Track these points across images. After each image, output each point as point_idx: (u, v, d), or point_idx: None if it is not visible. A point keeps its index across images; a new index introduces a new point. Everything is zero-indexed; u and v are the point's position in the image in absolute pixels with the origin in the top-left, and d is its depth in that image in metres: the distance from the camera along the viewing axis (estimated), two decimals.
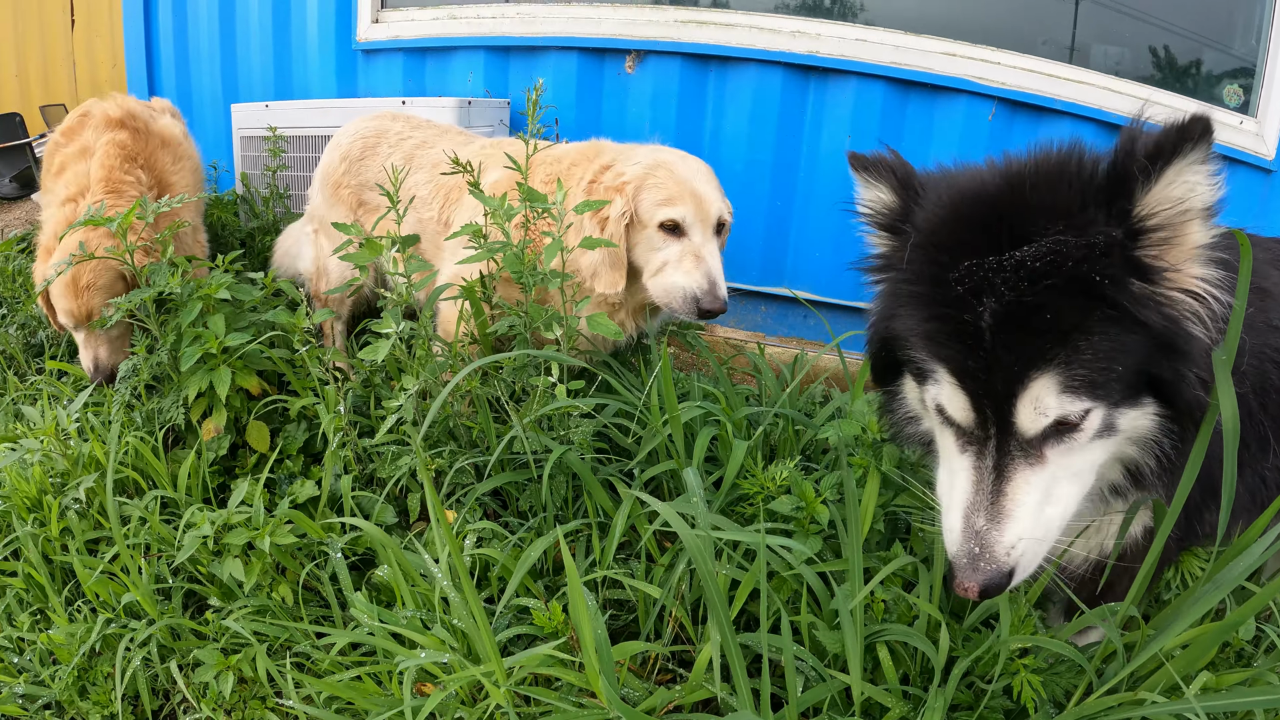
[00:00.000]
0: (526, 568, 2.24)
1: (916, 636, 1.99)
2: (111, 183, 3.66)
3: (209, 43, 6.02)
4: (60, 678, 2.54)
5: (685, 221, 2.84)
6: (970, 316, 1.44)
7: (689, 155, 3.03)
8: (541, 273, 2.57)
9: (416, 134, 3.58)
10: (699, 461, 2.50)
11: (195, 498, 2.87)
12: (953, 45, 4.18)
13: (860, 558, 2.03)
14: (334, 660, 2.35)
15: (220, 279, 2.95)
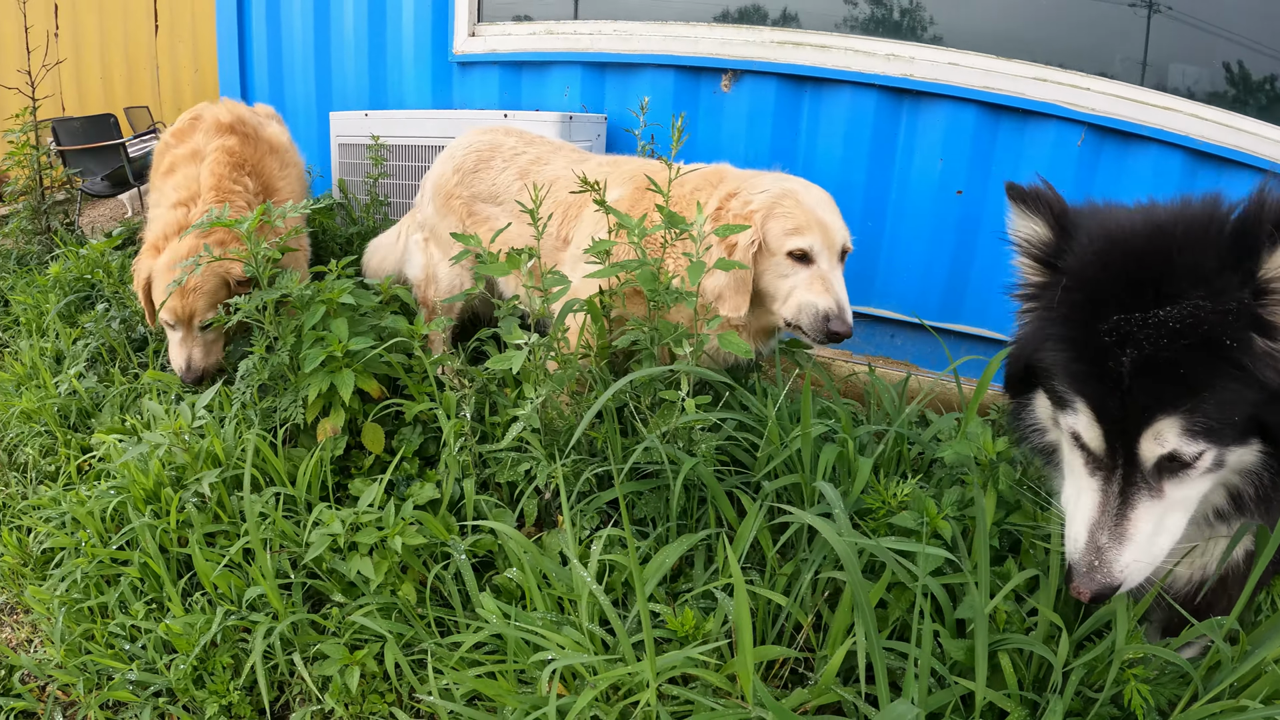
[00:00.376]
0: (661, 574, 2.30)
1: (1038, 645, 2.10)
2: (221, 190, 3.78)
3: (303, 51, 6.16)
4: (177, 667, 2.60)
5: (813, 250, 2.88)
6: (1113, 363, 1.60)
7: (812, 184, 3.06)
8: (676, 291, 2.62)
9: (530, 150, 3.64)
10: (823, 476, 2.56)
11: (314, 496, 2.94)
12: (1043, 70, 4.18)
13: (988, 569, 2.13)
14: (459, 658, 2.39)
15: (342, 284, 3.02)
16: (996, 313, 4.36)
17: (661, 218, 2.71)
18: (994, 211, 4.31)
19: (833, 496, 2.28)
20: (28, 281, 5.80)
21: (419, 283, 3.89)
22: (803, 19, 4.61)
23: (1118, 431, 1.65)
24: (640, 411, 2.69)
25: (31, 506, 3.53)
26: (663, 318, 2.72)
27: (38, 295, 5.37)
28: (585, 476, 2.64)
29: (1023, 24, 4.28)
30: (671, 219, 2.64)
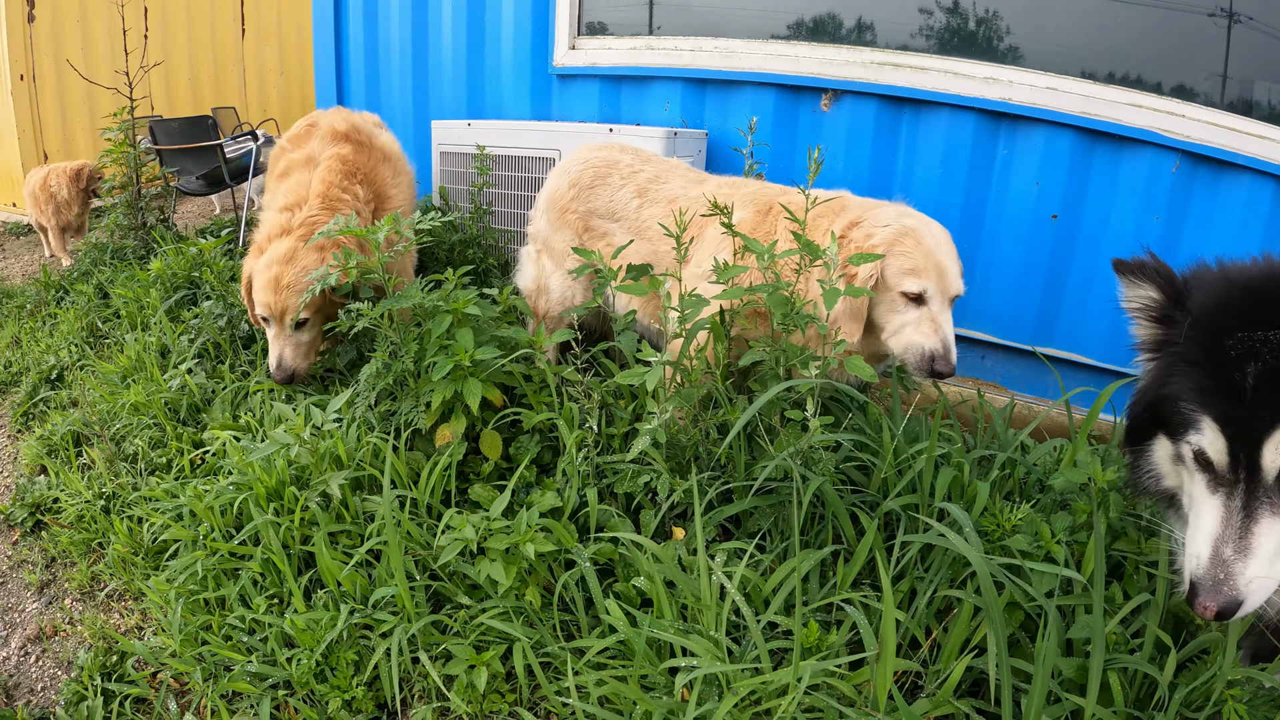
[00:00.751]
0: (790, 587, 2.37)
1: (1145, 664, 2.20)
2: (329, 199, 3.89)
3: (400, 60, 6.28)
4: (300, 661, 2.67)
5: (927, 293, 2.94)
6: (1238, 375, 1.72)
7: (933, 223, 3.10)
8: (808, 316, 2.68)
9: (648, 168, 3.70)
10: (941, 498, 2.63)
11: (435, 499, 3.02)
12: (1139, 96, 4.16)
13: (1102, 591, 2.23)
14: (584, 663, 2.46)
15: (466, 294, 3.11)
16: (1088, 337, 4.36)
17: (784, 243, 2.77)
18: (1088, 237, 4.30)
19: (963, 517, 2.36)
20: (128, 276, 5.97)
21: (529, 293, 3.97)
22: (902, 41, 4.64)
23: (1241, 441, 1.72)
24: (767, 429, 2.74)
25: (143, 498, 3.62)
26: (788, 340, 2.78)
27: (138, 290, 5.52)
28: (711, 494, 2.69)
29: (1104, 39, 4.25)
30: (809, 248, 2.69)
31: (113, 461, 4.12)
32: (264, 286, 3.70)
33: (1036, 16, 4.35)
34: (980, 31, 4.49)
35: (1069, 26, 4.29)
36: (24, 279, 8.74)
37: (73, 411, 4.68)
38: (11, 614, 3.55)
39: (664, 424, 2.68)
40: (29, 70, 10.51)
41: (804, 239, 2.73)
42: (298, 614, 2.77)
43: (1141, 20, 4.16)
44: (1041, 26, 4.35)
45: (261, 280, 3.71)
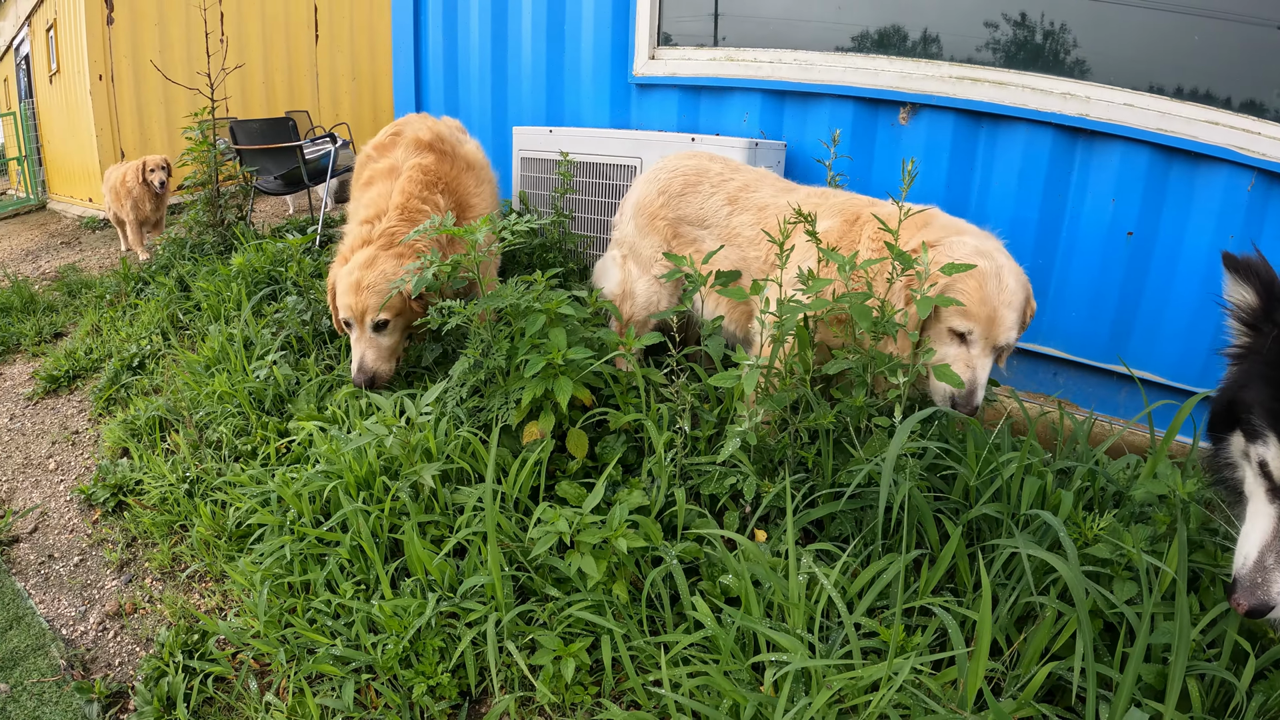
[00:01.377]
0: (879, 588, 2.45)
1: (1223, 671, 2.25)
2: (407, 210, 4.01)
3: (479, 67, 6.40)
4: (385, 646, 2.73)
5: (971, 335, 2.96)
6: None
7: (1007, 266, 3.07)
8: (895, 324, 2.73)
9: (737, 177, 3.75)
10: (1026, 507, 2.67)
11: (523, 494, 3.09)
12: (1216, 114, 4.13)
13: (1185, 598, 2.26)
14: (671, 657, 2.51)
15: (559, 295, 3.18)
16: (1161, 356, 4.34)
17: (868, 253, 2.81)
18: (1162, 255, 4.28)
19: (1056, 525, 2.41)
20: (209, 270, 6.13)
21: (614, 296, 4.04)
22: (968, 54, 4.65)
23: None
24: (858, 433, 2.79)
25: (227, 483, 3.74)
26: (875, 348, 2.83)
27: (219, 284, 5.68)
28: (797, 497, 2.74)
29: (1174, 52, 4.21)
30: (902, 257, 2.74)
31: (197, 447, 4.24)
32: (346, 290, 3.83)
33: (1107, 30, 4.34)
34: (1050, 45, 4.49)
35: (1139, 40, 4.27)
36: (101, 271, 8.99)
37: (156, 398, 4.83)
38: (90, 590, 3.68)
39: (754, 427, 2.74)
40: (108, 70, 10.83)
41: (896, 248, 2.77)
42: (384, 600, 2.84)
43: (1211, 33, 4.13)
44: (1112, 40, 4.34)
45: (344, 285, 3.85)
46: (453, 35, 6.49)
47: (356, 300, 3.80)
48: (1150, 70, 4.25)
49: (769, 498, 2.79)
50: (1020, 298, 3.01)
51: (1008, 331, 2.97)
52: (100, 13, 10.81)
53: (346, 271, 3.88)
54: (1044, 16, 4.45)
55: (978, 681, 2.11)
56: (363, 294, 3.79)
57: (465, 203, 4.25)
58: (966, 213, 4.61)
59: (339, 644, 2.84)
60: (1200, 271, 4.20)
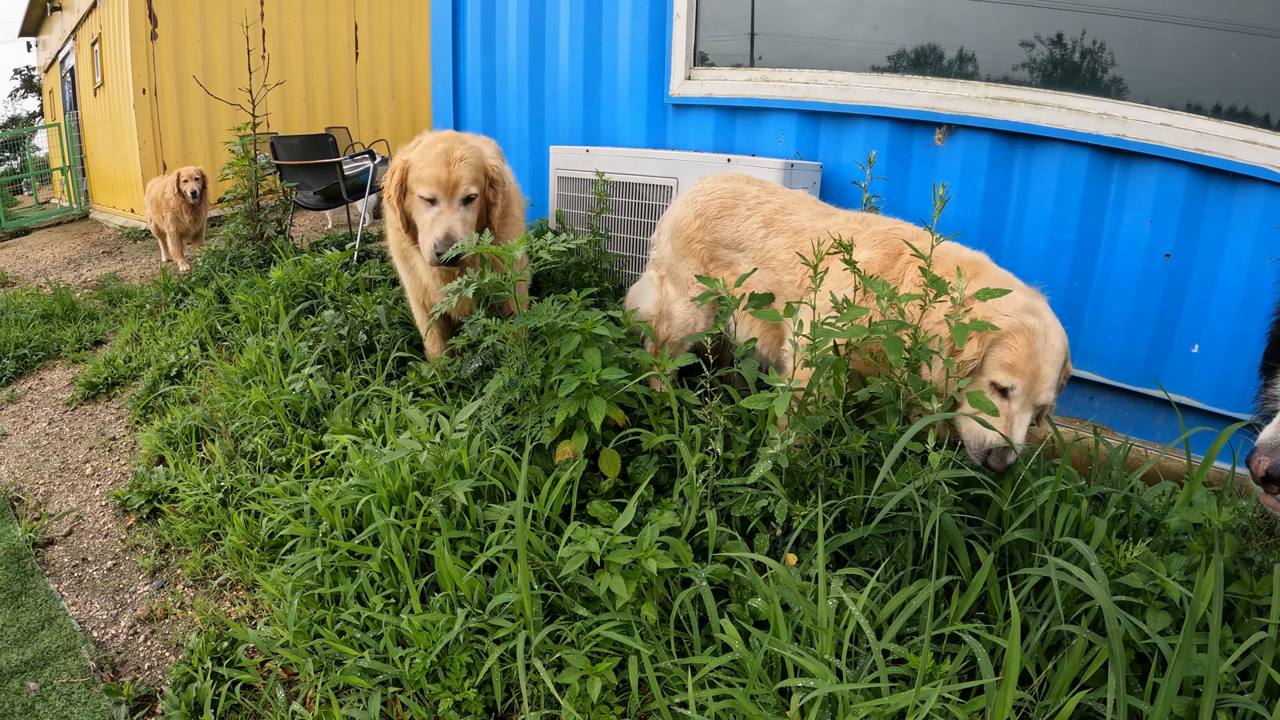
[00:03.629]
0: (907, 615, 2.45)
1: (1255, 704, 2.23)
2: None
3: (516, 86, 6.47)
4: (413, 660, 2.75)
5: (1013, 391, 2.91)
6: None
7: (1054, 327, 3.03)
8: (930, 351, 2.71)
9: (774, 199, 3.74)
10: (1060, 534, 2.65)
11: (555, 513, 3.10)
12: (1254, 133, 4.07)
13: (1219, 629, 2.23)
14: (699, 680, 2.51)
15: (594, 314, 3.20)
16: (1198, 380, 4.29)
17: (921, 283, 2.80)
18: (1200, 277, 4.24)
19: (1087, 553, 2.39)
20: (248, 283, 6.21)
21: (650, 317, 4.04)
22: (1008, 75, 4.64)
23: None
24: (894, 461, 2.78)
25: (261, 493, 3.78)
26: (912, 375, 2.82)
27: (258, 296, 5.75)
28: (829, 521, 2.74)
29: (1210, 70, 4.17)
30: (935, 282, 2.73)
31: (232, 457, 4.29)
32: (433, 162, 3.80)
33: (1143, 48, 4.31)
34: (1085, 63, 4.47)
35: (1176, 58, 4.24)
36: (141, 280, 9.14)
37: (193, 407, 4.88)
38: (122, 594, 3.73)
39: (786, 450, 2.73)
40: (150, 85, 11.01)
41: (931, 274, 2.75)
42: (414, 614, 2.86)
43: (1249, 50, 4.09)
44: (1148, 59, 4.31)
45: (429, 157, 3.82)
46: (490, 54, 6.57)
47: (448, 173, 3.78)
48: (1188, 89, 4.23)
49: (801, 521, 2.79)
50: (1063, 357, 2.98)
51: (1049, 390, 2.92)
52: (144, 28, 11.00)
53: (425, 147, 3.88)
54: (1082, 36, 4.44)
55: (1005, 711, 2.10)
56: (455, 165, 3.80)
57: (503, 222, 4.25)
58: (1002, 234, 4.61)
59: (367, 656, 2.86)
60: (1239, 294, 4.16)
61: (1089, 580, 2.25)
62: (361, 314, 4.88)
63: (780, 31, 5.35)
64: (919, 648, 2.48)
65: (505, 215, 4.07)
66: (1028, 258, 4.58)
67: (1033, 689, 2.47)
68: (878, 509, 2.71)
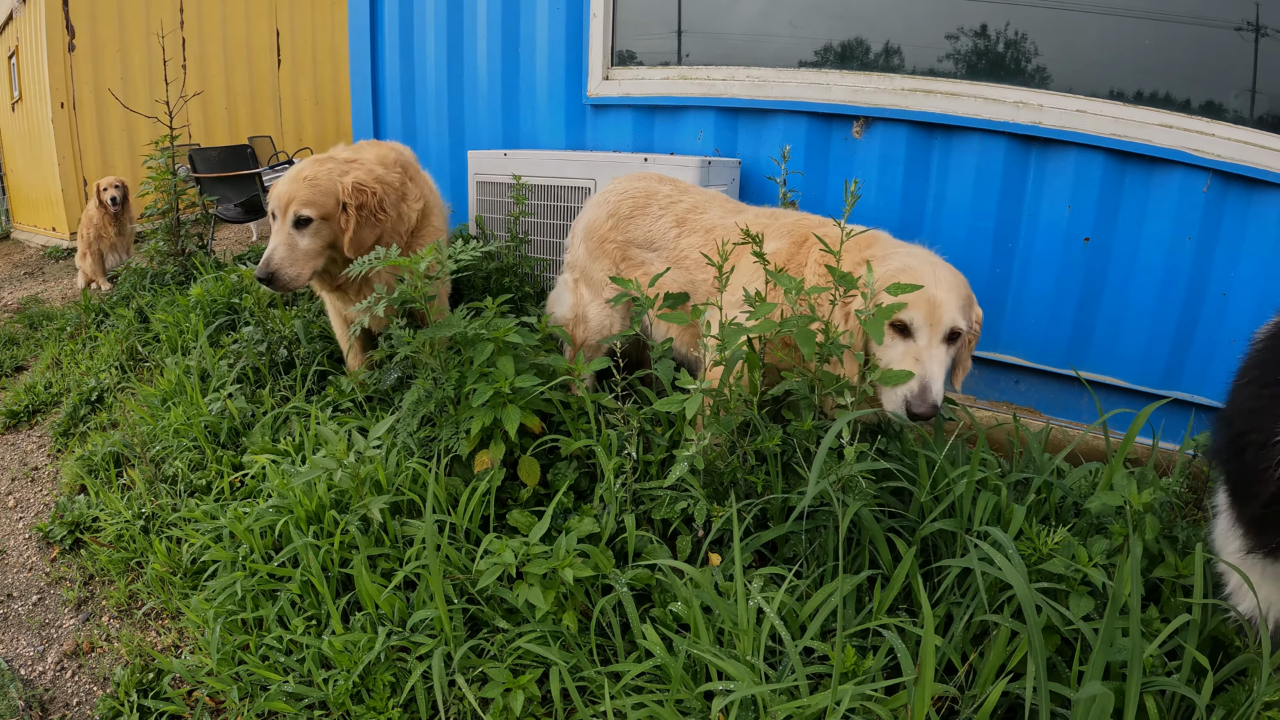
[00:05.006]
0: (827, 611, 2.41)
1: (1183, 686, 2.23)
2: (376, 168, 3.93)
3: (435, 92, 6.39)
4: (337, 682, 2.70)
5: (913, 324, 2.80)
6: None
7: (941, 262, 3.00)
8: (840, 345, 2.69)
9: (686, 198, 3.72)
10: (979, 523, 2.64)
11: (474, 524, 3.05)
12: (1169, 117, 4.13)
13: (1139, 614, 2.17)
14: (621, 687, 2.48)
15: (507, 323, 3.15)
16: (1122, 360, 4.36)
17: (814, 275, 2.78)
18: (1120, 259, 4.30)
19: (1004, 541, 2.36)
20: (169, 301, 6.06)
21: (566, 321, 4.00)
22: (930, 65, 4.66)
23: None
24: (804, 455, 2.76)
25: (182, 518, 3.67)
26: (823, 369, 2.79)
27: (178, 314, 5.61)
28: (748, 519, 2.72)
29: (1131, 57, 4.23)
30: (844, 279, 2.71)
31: (152, 482, 4.17)
32: (284, 180, 3.69)
33: (1064, 37, 4.36)
34: (1009, 54, 4.50)
35: (1096, 45, 4.29)
36: (63, 302, 8.90)
37: (113, 433, 4.76)
38: (49, 629, 3.62)
39: (701, 450, 2.71)
40: (69, 98, 10.75)
41: (839, 271, 2.74)
42: (335, 635, 2.80)
43: (1168, 37, 4.16)
44: (1068, 47, 4.36)
45: (288, 174, 3.72)
46: (409, 60, 6.48)
47: (287, 189, 3.63)
48: (1108, 76, 4.28)
49: (720, 521, 2.76)
50: (960, 287, 2.90)
51: (952, 315, 2.82)
52: (62, 40, 10.73)
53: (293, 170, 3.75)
54: (1003, 27, 4.48)
55: (925, 706, 2.08)
56: (297, 183, 3.64)
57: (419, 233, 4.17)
58: (922, 224, 4.63)
59: (291, 680, 2.80)
60: (1159, 274, 4.22)
61: (1007, 567, 2.23)
62: (281, 329, 4.78)
63: (700, 29, 5.33)
64: (844, 643, 2.46)
65: (422, 226, 4.01)
66: (948, 246, 4.53)
67: (958, 679, 2.46)
68: (795, 506, 2.69)
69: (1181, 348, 4.27)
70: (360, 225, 3.67)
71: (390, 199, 3.78)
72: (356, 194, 3.67)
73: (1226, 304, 4.12)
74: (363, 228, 3.68)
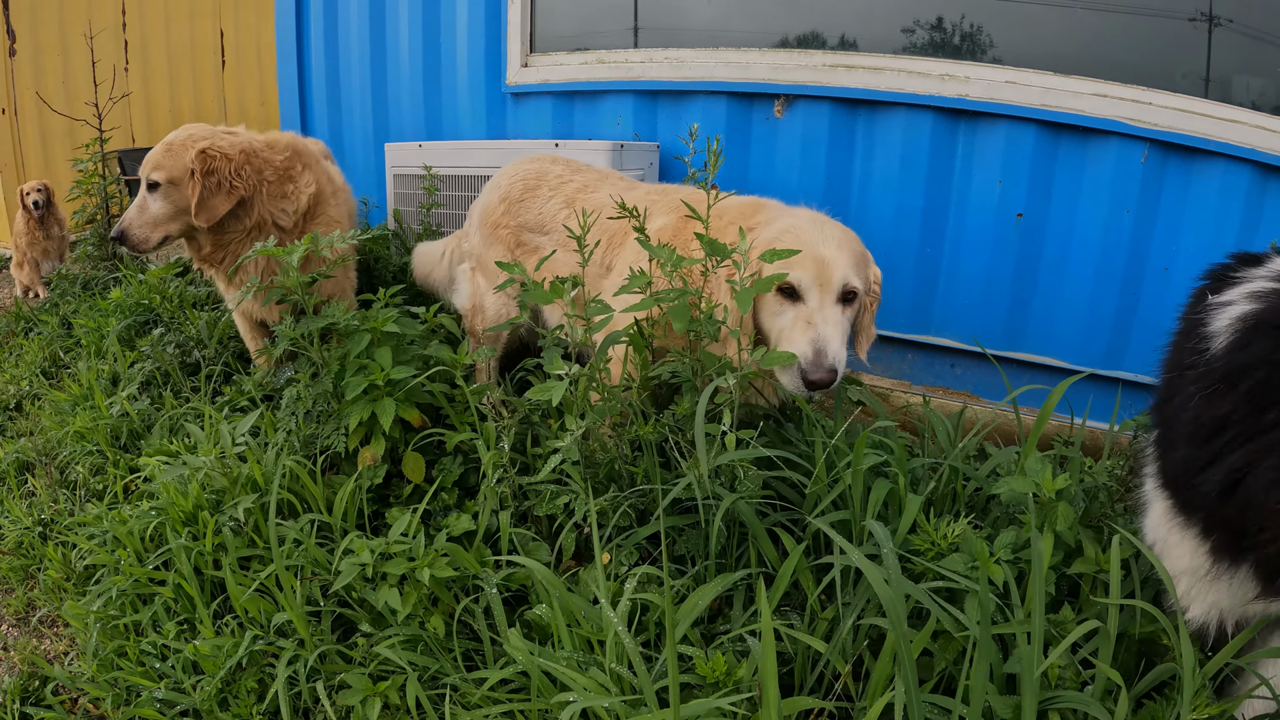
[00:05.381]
0: (693, 616, 2.21)
1: (1093, 704, 1.97)
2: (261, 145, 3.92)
3: (360, 85, 6.26)
4: (203, 688, 2.60)
5: (801, 285, 2.64)
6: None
7: (829, 221, 2.84)
8: (715, 322, 2.53)
9: (578, 178, 3.59)
10: (874, 514, 2.43)
11: (350, 524, 2.92)
12: (1103, 86, 4.00)
13: (1042, 620, 1.98)
14: (484, 695, 2.33)
15: (387, 313, 3.01)
16: (1061, 339, 4.23)
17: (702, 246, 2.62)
18: (1056, 234, 4.18)
19: (882, 535, 2.12)
20: (90, 305, 5.93)
21: (466, 312, 3.87)
22: (859, 43, 4.52)
23: None
24: (681, 446, 2.60)
25: (77, 524, 3.59)
26: (706, 349, 2.62)
27: (99, 319, 5.47)
28: (622, 510, 2.56)
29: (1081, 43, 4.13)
30: (713, 246, 2.55)
31: (54, 488, 4.08)
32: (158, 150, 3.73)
33: (992, 7, 4.25)
34: (935, 27, 4.39)
35: (1026, 16, 4.20)
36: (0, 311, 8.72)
37: (21, 440, 4.65)
38: None
39: (576, 441, 2.55)
40: (10, 104, 10.53)
41: (708, 239, 2.57)
42: (204, 640, 2.69)
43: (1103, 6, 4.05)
44: (997, 18, 4.26)
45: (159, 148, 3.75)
46: (334, 56, 6.36)
47: (149, 154, 3.69)
48: (1040, 47, 4.17)
49: (614, 518, 2.59)
50: (851, 243, 2.73)
51: (845, 272, 2.65)
52: (2, 44, 10.51)
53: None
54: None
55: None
56: (157, 148, 3.70)
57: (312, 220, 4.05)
58: (848, 203, 4.50)
59: (164, 687, 2.70)
60: (1096, 249, 4.10)
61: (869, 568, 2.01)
62: (191, 331, 4.64)
63: (621, 12, 5.21)
64: (727, 648, 2.29)
65: (316, 214, 3.88)
66: (876, 225, 4.48)
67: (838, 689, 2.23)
68: (683, 499, 2.53)
69: (1124, 325, 4.15)
70: (208, 192, 3.61)
71: (247, 171, 3.69)
72: (203, 159, 3.60)
73: (1169, 279, 4.00)
74: (213, 195, 3.62)
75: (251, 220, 3.74)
